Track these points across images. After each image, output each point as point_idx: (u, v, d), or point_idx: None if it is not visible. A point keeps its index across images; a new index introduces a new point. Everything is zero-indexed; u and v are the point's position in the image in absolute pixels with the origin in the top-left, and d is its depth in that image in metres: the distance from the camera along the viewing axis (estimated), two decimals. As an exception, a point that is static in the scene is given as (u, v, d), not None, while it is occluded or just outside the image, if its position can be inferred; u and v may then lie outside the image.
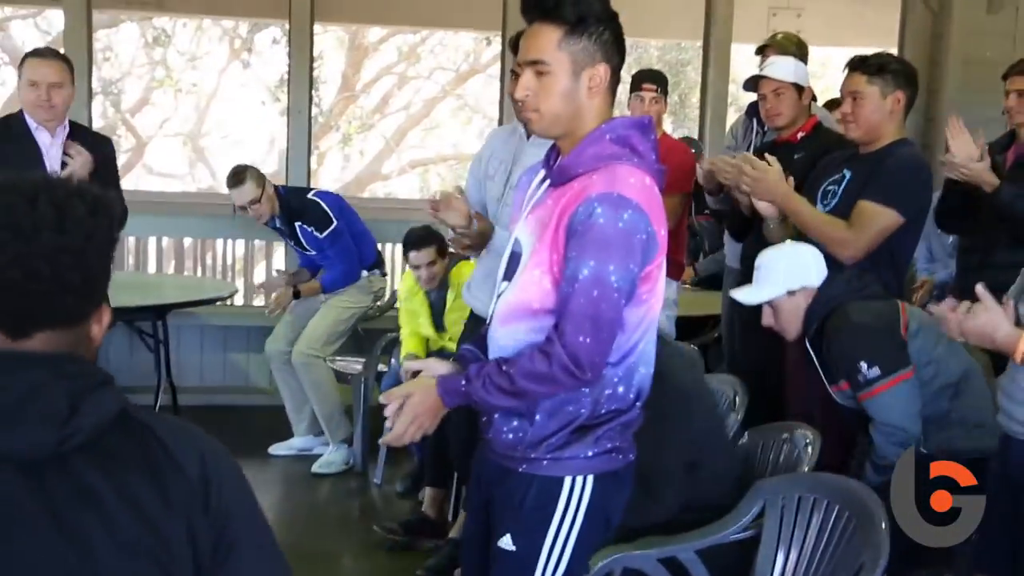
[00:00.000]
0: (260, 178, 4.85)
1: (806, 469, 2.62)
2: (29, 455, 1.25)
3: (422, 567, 3.76)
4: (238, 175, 4.84)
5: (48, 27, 13.24)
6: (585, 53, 1.98)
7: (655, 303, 2.05)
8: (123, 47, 13.52)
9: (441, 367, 2.14)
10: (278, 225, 5.00)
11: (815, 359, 2.94)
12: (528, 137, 3.21)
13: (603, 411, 2.04)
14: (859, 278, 2.97)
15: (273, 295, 5.08)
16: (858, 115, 3.23)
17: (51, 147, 3.86)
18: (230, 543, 1.36)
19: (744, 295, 3.00)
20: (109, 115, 13.22)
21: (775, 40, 4.35)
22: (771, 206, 3.32)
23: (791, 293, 2.92)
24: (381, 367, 4.94)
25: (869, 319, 2.83)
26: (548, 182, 2.07)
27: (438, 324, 4.59)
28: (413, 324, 4.66)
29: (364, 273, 5.07)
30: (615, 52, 2.01)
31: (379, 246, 5.37)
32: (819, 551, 2.27)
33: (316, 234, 4.92)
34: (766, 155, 3.41)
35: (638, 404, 2.09)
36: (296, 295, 4.97)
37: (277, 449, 5.17)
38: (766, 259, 3.00)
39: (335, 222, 4.91)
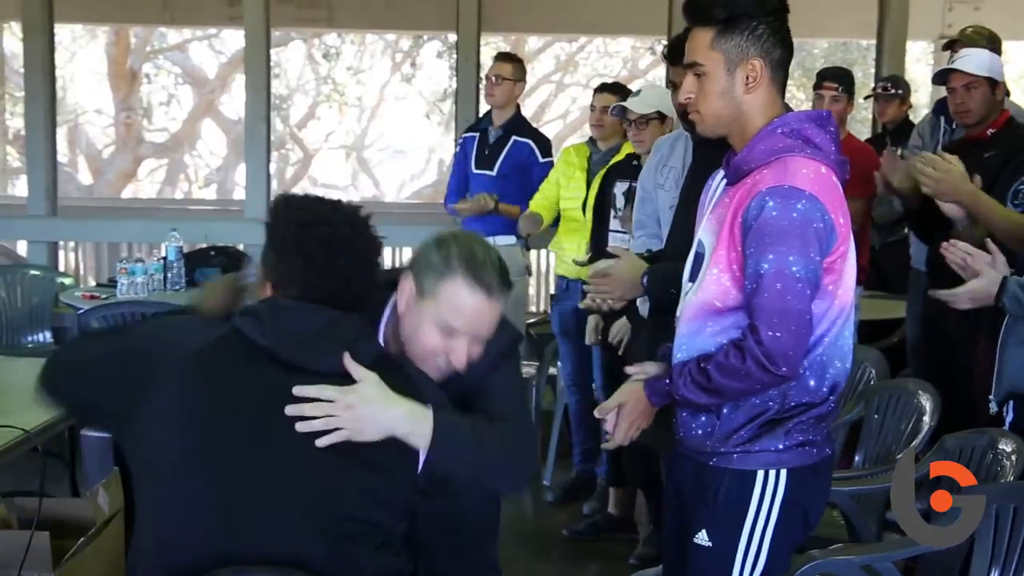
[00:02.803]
0: (523, 72, 4.86)
1: (1011, 477, 2.51)
2: (326, 371, 1.75)
3: (634, 555, 3.88)
4: (513, 56, 4.96)
5: (223, 47, 13.91)
6: (738, 50, 2.01)
7: (843, 295, 2.03)
8: (291, 64, 14.07)
9: (653, 368, 2.20)
10: (490, 128, 4.81)
11: None
12: (694, 140, 3.17)
13: (792, 404, 2.03)
14: None
15: (474, 199, 4.73)
16: None
17: None
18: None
19: None
20: (278, 129, 13.77)
21: (964, 35, 4.19)
22: (957, 207, 3.18)
23: None
24: (551, 371, 4.97)
25: None
26: (726, 181, 2.10)
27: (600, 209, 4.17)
28: (549, 195, 4.47)
29: (523, 243, 4.87)
30: (774, 45, 2.02)
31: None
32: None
33: (536, 154, 4.73)
34: (943, 155, 3.26)
35: (832, 398, 2.07)
36: (495, 210, 4.68)
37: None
38: None
39: (553, 160, 4.78)
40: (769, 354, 1.93)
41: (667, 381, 2.09)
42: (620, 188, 4.09)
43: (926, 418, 3.04)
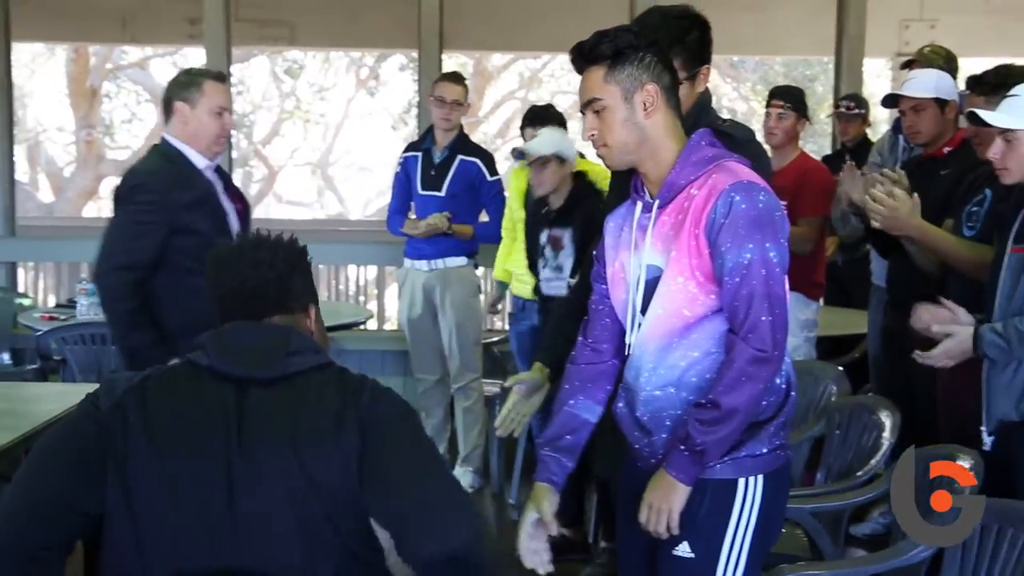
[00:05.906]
0: (466, 94, 4.77)
1: (967, 493, 2.53)
2: (263, 375, 1.85)
3: (583, 574, 3.84)
4: (460, 76, 4.85)
5: (184, 64, 13.82)
6: (631, 79, 2.08)
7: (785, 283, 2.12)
8: (255, 81, 14.01)
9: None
10: (434, 148, 4.72)
11: (1017, 214, 2.74)
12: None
13: (765, 403, 2.07)
14: None
15: (429, 218, 4.66)
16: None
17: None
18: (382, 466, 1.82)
19: (990, 116, 2.72)
20: (242, 147, 13.69)
21: (922, 54, 4.23)
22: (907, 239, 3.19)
23: None
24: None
25: None
26: (655, 204, 2.09)
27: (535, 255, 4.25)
28: (508, 245, 4.51)
29: (473, 263, 4.83)
30: (663, 72, 2.11)
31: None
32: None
33: (484, 173, 4.67)
34: (892, 190, 3.21)
35: (793, 394, 2.13)
36: (449, 231, 4.63)
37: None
38: None
39: (501, 178, 4.73)
40: (760, 340, 1.98)
41: (681, 447, 2.03)
42: (543, 237, 4.19)
43: (886, 434, 3.07)
